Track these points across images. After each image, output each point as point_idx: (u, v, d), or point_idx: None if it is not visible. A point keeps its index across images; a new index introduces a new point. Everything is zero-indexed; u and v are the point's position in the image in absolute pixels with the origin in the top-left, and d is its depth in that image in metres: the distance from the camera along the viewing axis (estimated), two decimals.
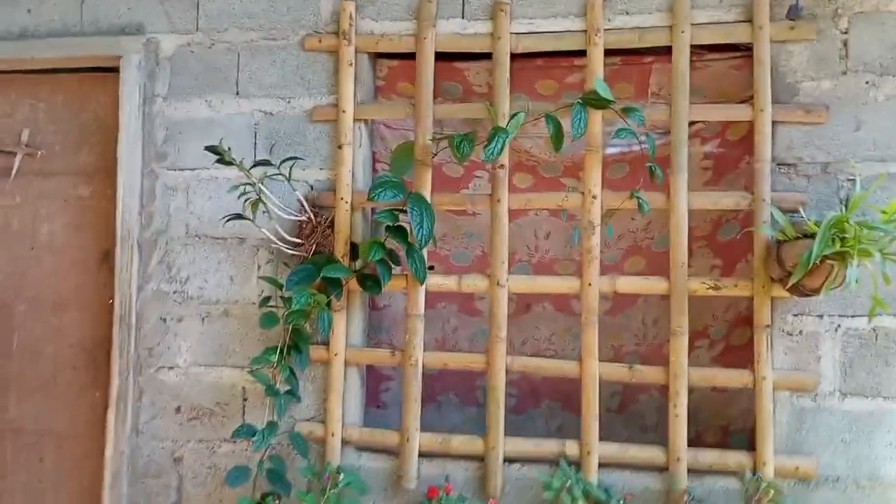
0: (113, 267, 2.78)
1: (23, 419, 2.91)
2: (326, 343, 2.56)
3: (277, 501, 2.31)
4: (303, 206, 2.58)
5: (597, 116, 2.40)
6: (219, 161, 2.44)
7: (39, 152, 2.94)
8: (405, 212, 2.41)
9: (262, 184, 2.47)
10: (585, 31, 2.45)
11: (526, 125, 2.40)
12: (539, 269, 2.79)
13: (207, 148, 2.44)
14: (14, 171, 2.94)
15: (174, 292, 2.73)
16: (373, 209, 2.65)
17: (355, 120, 2.60)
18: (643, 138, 2.27)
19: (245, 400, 2.65)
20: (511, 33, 2.50)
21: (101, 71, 2.87)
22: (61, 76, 2.94)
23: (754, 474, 2.21)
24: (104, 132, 2.89)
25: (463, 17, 2.57)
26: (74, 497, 2.81)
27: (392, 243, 2.45)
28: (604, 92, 2.31)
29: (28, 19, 2.89)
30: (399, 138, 2.75)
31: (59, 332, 2.90)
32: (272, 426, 2.43)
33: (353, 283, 2.52)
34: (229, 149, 2.43)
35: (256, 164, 2.47)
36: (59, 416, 2.87)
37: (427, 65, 2.53)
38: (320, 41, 2.65)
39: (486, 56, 2.56)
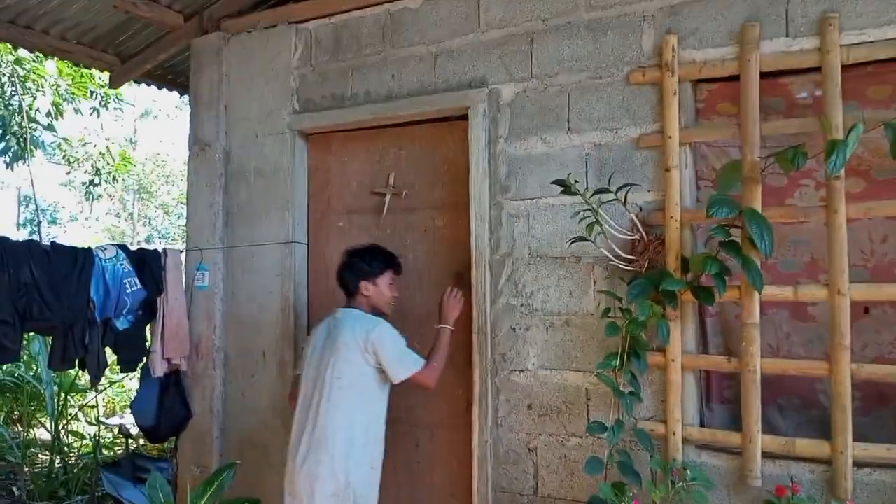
0: (468, 285, 3.28)
1: (398, 411, 3.53)
2: (662, 349, 2.80)
3: (634, 492, 2.58)
4: (636, 225, 2.85)
5: None
6: (563, 192, 2.81)
7: (404, 192, 3.58)
8: (737, 226, 2.58)
9: (598, 208, 2.80)
10: None
11: None
12: (876, 274, 2.76)
13: (555, 181, 2.83)
14: (385, 209, 3.62)
15: (521, 305, 3.16)
16: (699, 225, 2.84)
17: (681, 144, 2.82)
18: None
19: (588, 400, 2.99)
20: (840, 45, 2.55)
21: (450, 119, 3.43)
22: (418, 127, 3.56)
23: None
24: (453, 172, 3.44)
25: (787, 36, 2.67)
26: (447, 477, 3.36)
27: (723, 256, 2.63)
28: None
29: (393, 83, 3.54)
30: (720, 155, 2.91)
31: (424, 338, 3.48)
32: (620, 424, 2.73)
33: (686, 295, 2.74)
34: (577, 181, 2.78)
35: (596, 191, 2.79)
36: (428, 411, 3.45)
37: (752, 86, 2.67)
38: (644, 75, 2.92)
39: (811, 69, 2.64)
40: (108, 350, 3.74)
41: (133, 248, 3.91)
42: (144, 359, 3.88)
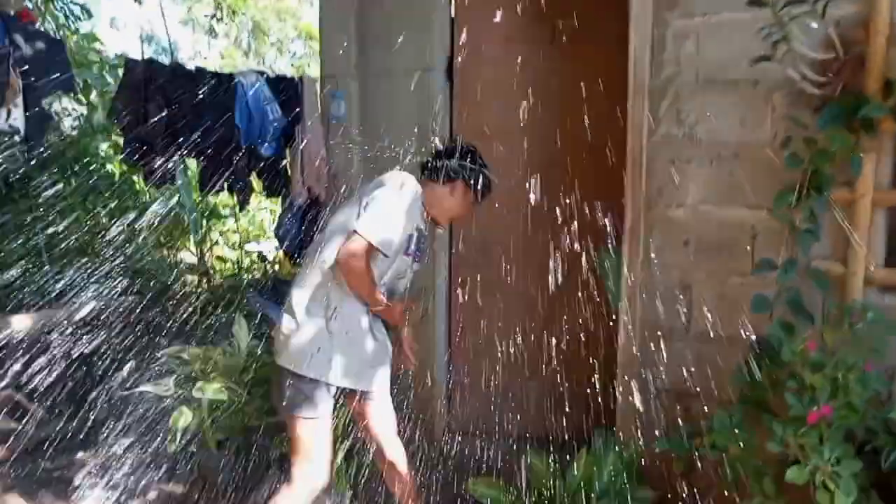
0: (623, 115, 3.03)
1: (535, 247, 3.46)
2: (849, 184, 2.53)
3: (810, 332, 2.41)
4: (832, 42, 2.49)
5: None
6: (751, 2, 2.47)
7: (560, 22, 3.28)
8: None
9: (788, 23, 2.45)
10: None
11: None
12: None
13: None
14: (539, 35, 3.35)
15: (682, 136, 2.91)
16: None
17: None
18: None
19: (753, 238, 2.79)
20: None
21: None
22: None
23: None
24: None
25: None
26: (594, 311, 3.30)
27: None
28: None
29: None
30: None
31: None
32: (792, 262, 2.54)
33: (887, 123, 2.42)
34: None
35: (788, 3, 2.44)
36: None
37: None
38: None
39: None
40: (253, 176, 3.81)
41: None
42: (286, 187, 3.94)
